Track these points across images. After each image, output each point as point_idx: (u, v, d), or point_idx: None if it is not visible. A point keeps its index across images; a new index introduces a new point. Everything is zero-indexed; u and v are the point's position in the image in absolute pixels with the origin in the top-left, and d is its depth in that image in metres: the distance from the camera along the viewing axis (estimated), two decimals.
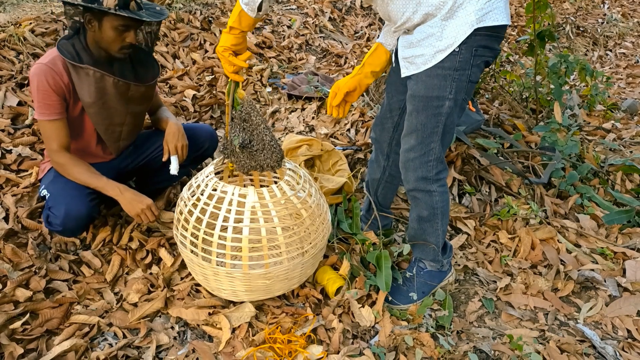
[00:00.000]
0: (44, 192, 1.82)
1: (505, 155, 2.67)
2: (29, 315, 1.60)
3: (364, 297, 1.80)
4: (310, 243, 1.64)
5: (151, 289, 1.79)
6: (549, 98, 3.11)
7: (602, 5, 6.64)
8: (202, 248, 1.57)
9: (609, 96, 3.98)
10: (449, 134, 1.62)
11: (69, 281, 1.79)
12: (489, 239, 2.24)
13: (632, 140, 3.22)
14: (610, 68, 5.16)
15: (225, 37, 1.55)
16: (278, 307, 1.74)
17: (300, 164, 2.27)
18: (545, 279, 1.98)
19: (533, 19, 2.86)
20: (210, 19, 3.86)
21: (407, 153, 1.63)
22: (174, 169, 1.91)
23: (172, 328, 1.66)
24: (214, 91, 3.16)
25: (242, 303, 1.70)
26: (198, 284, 1.80)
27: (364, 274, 1.85)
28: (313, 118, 3.08)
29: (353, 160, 2.64)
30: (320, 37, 4.40)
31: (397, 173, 1.82)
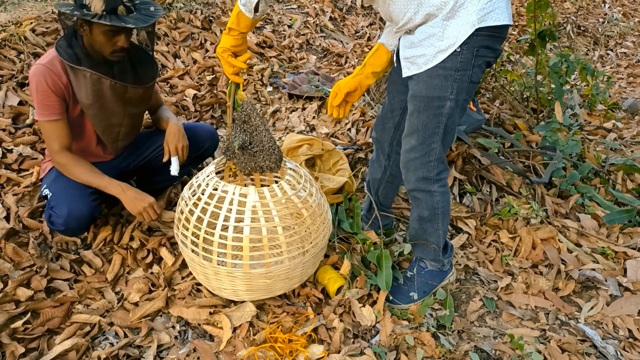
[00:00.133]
0: (45, 192, 1.82)
1: (506, 155, 2.67)
2: (30, 314, 1.60)
3: (364, 297, 1.80)
4: (311, 242, 1.64)
5: (152, 289, 1.79)
6: (549, 97, 3.11)
7: (603, 5, 6.63)
8: (203, 247, 1.57)
9: (609, 96, 3.98)
10: (450, 135, 1.62)
11: (70, 280, 1.80)
12: (489, 239, 2.24)
13: (633, 140, 3.22)
14: (611, 67, 5.16)
15: (224, 39, 1.56)
16: (279, 307, 1.74)
17: (301, 164, 2.27)
18: (546, 279, 1.98)
19: (534, 18, 2.86)
20: (211, 18, 3.86)
21: (408, 153, 1.63)
22: (174, 170, 1.91)
23: (173, 327, 1.66)
24: (215, 91, 3.16)
25: (243, 302, 1.70)
26: (199, 284, 1.80)
27: (365, 274, 1.85)
28: (314, 117, 3.08)
29: (354, 159, 2.64)
30: (321, 37, 4.40)
31: (398, 173, 1.82)
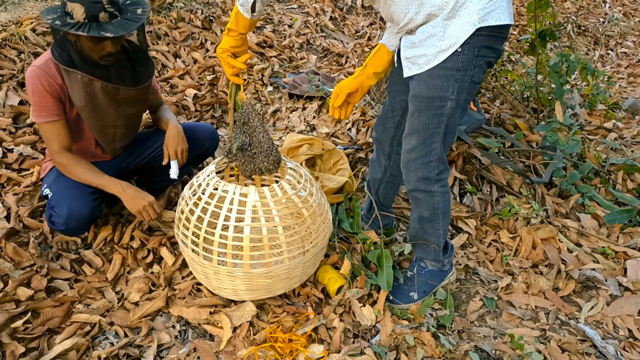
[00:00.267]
0: (46, 192, 1.82)
1: (506, 155, 2.67)
2: (30, 314, 1.60)
3: (365, 297, 1.80)
4: (312, 242, 1.64)
5: (152, 288, 1.79)
6: (550, 97, 3.11)
7: (604, 5, 6.63)
8: (204, 247, 1.57)
9: (610, 95, 3.98)
10: (451, 135, 1.62)
11: (70, 280, 1.80)
12: (490, 239, 2.24)
13: (633, 140, 3.22)
14: (611, 67, 5.16)
15: (224, 40, 1.57)
16: (279, 306, 1.74)
17: (301, 163, 2.27)
18: (546, 279, 1.98)
19: (534, 18, 2.86)
20: (211, 18, 3.86)
21: (409, 153, 1.63)
22: (173, 173, 1.91)
23: (173, 327, 1.66)
24: (215, 90, 3.16)
25: (243, 302, 1.70)
26: (199, 283, 1.80)
27: (365, 273, 1.85)
28: (314, 117, 3.08)
29: (354, 159, 2.64)
30: (322, 37, 4.40)
31: (399, 173, 1.82)
